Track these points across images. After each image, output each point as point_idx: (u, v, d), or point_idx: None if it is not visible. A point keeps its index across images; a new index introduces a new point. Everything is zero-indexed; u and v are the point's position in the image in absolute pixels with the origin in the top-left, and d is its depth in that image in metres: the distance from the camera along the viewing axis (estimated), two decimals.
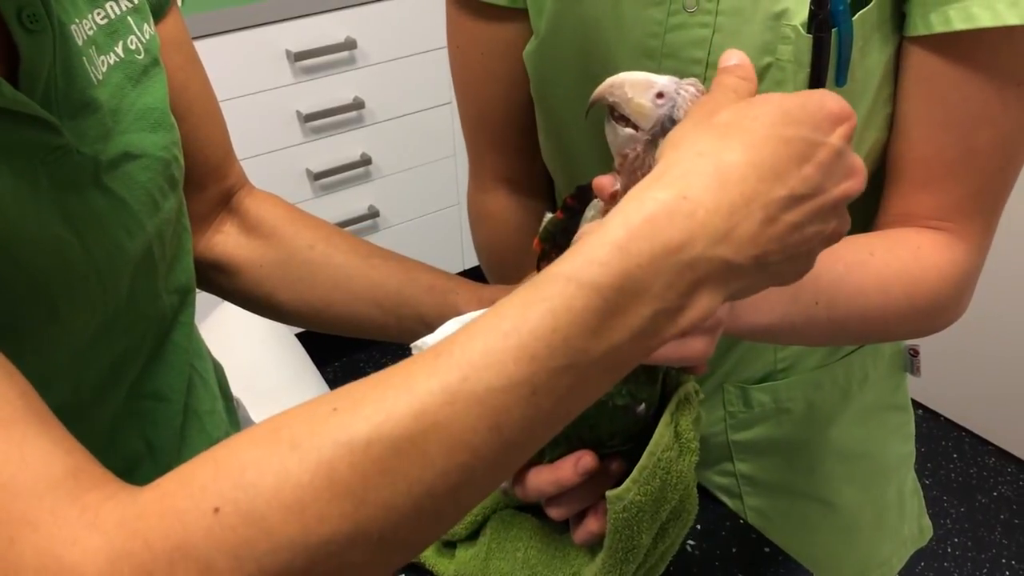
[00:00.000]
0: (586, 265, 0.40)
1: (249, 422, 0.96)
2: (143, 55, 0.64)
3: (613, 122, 0.52)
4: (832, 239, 0.48)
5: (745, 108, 0.46)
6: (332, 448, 0.38)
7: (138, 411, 0.67)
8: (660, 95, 0.51)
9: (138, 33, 0.64)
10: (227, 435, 0.81)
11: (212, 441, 0.77)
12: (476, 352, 0.40)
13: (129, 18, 0.64)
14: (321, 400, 0.41)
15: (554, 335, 0.40)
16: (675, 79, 0.52)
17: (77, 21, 0.59)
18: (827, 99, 0.47)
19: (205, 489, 0.38)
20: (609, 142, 0.53)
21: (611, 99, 0.52)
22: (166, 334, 0.69)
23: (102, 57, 0.60)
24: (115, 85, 0.61)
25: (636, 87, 0.51)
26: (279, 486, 0.38)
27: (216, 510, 0.38)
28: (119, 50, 0.62)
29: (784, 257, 0.45)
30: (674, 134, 0.46)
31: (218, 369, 0.87)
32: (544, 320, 0.40)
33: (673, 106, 0.50)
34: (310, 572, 0.38)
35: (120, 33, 0.63)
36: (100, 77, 0.60)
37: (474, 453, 0.39)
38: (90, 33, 0.60)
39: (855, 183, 0.47)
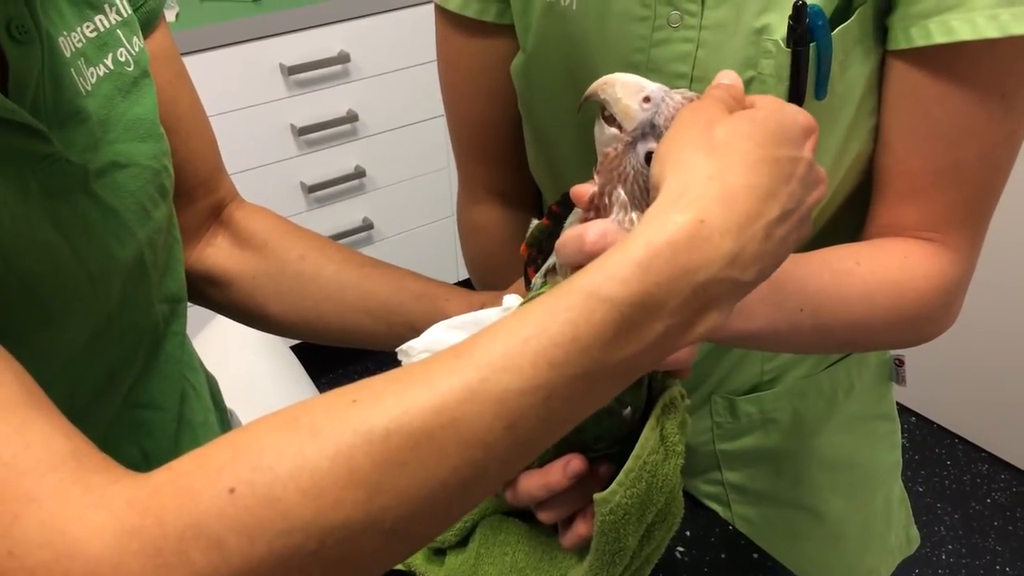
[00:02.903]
0: (607, 281, 0.42)
1: None
2: (132, 67, 0.65)
3: (602, 120, 0.54)
4: (801, 242, 0.51)
5: (737, 126, 0.48)
6: (351, 436, 0.39)
7: (133, 420, 0.68)
8: (647, 99, 0.52)
9: (127, 46, 0.65)
10: None
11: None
12: (496, 354, 0.41)
13: (119, 31, 0.65)
14: (340, 392, 0.42)
15: (573, 344, 0.42)
16: (665, 87, 0.53)
17: (65, 33, 0.60)
18: (799, 115, 0.50)
19: (222, 470, 0.39)
20: (596, 139, 0.55)
21: (602, 96, 0.53)
22: (159, 344, 0.70)
23: (91, 69, 0.61)
24: (104, 96, 0.62)
25: (626, 88, 0.52)
26: (297, 470, 0.38)
27: (232, 490, 0.38)
28: (108, 62, 0.63)
29: (773, 266, 0.48)
30: (677, 153, 0.48)
31: (211, 381, 0.87)
32: (564, 329, 0.42)
33: (656, 112, 0.52)
34: (320, 556, 0.39)
35: (109, 46, 0.63)
36: (89, 88, 0.61)
37: (488, 450, 0.41)
38: (79, 45, 0.61)
39: (822, 191, 0.51)
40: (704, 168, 0.46)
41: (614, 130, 0.53)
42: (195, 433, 0.76)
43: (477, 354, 0.42)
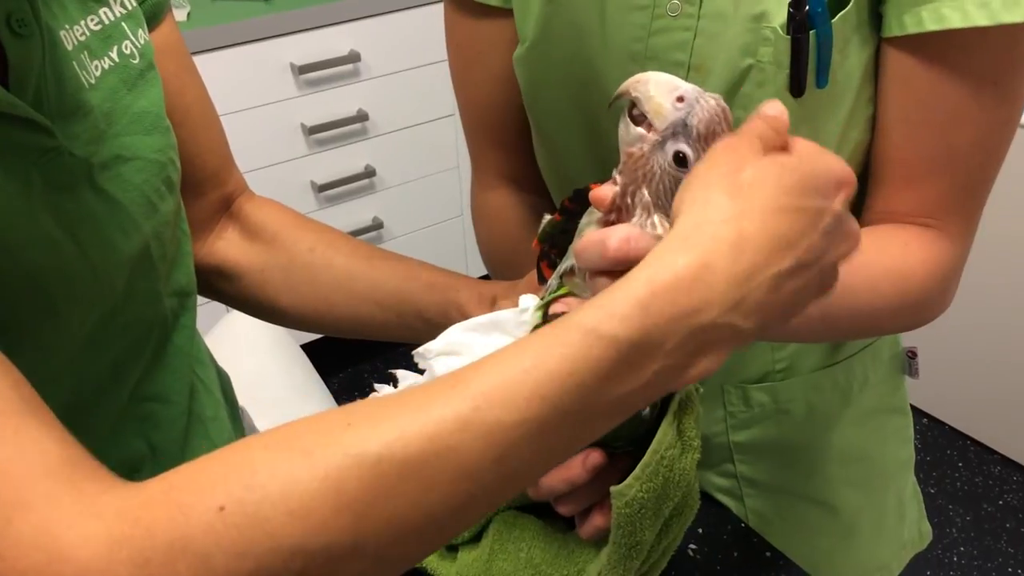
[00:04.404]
0: (608, 318, 0.42)
1: (254, 430, 0.97)
2: (138, 59, 0.65)
3: (628, 119, 0.53)
4: (825, 295, 0.49)
5: (767, 169, 0.47)
6: (342, 459, 0.40)
7: (140, 413, 0.68)
8: (680, 99, 0.51)
9: (132, 38, 0.65)
10: (231, 442, 0.82)
11: (216, 447, 0.77)
12: (491, 385, 0.42)
13: (123, 24, 0.65)
14: (335, 412, 0.42)
15: (569, 379, 0.42)
16: (698, 88, 0.51)
17: (67, 27, 0.60)
18: (834, 164, 0.49)
19: (213, 487, 0.39)
20: (619, 138, 0.53)
21: (633, 93, 0.52)
22: (167, 337, 0.70)
23: (96, 62, 0.62)
24: (109, 89, 0.62)
25: (659, 87, 0.51)
26: (287, 491, 0.39)
27: (221, 508, 0.39)
28: (114, 55, 0.63)
29: (781, 317, 0.47)
30: (699, 190, 0.47)
31: (223, 377, 0.87)
32: (561, 364, 0.42)
33: (690, 112, 0.50)
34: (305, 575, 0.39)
35: (114, 38, 0.64)
36: (93, 81, 0.61)
37: (477, 482, 0.41)
38: (82, 38, 0.61)
39: (851, 245, 0.50)
40: (721, 209, 0.45)
41: (640, 129, 0.52)
42: (206, 428, 0.76)
43: (473, 384, 0.42)
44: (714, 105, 0.51)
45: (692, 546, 0.80)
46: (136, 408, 0.68)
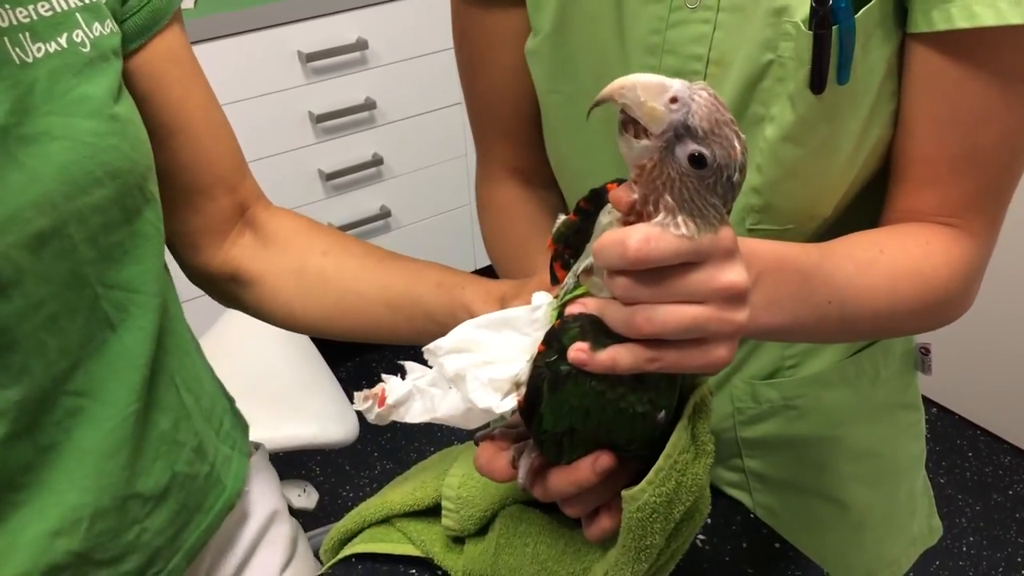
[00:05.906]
0: None
1: (270, 470, 0.96)
2: (88, 49, 0.66)
3: (626, 135, 0.50)
4: None
5: None
6: None
7: (66, 406, 0.67)
8: (674, 99, 0.48)
9: (86, 29, 0.66)
10: (207, 479, 0.79)
11: (173, 472, 0.75)
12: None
13: (77, 15, 0.66)
14: None
15: None
16: (686, 83, 0.49)
17: (8, 6, 0.62)
18: None
19: None
20: (623, 155, 0.51)
21: (621, 100, 0.49)
22: (111, 331, 0.69)
23: (39, 44, 0.63)
24: (50, 69, 0.64)
25: (649, 90, 0.48)
26: None
27: None
28: (62, 41, 0.65)
29: None
30: None
31: (229, 418, 0.86)
32: None
33: (688, 111, 0.48)
34: None
35: (65, 26, 0.65)
36: (29, 59, 0.63)
37: None
38: (24, 20, 0.63)
39: None
40: None
41: (645, 142, 0.49)
42: (167, 447, 0.74)
43: None
44: (707, 96, 0.49)
45: (701, 537, 0.80)
46: (62, 399, 0.66)
